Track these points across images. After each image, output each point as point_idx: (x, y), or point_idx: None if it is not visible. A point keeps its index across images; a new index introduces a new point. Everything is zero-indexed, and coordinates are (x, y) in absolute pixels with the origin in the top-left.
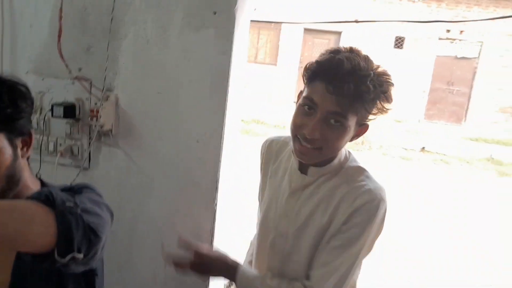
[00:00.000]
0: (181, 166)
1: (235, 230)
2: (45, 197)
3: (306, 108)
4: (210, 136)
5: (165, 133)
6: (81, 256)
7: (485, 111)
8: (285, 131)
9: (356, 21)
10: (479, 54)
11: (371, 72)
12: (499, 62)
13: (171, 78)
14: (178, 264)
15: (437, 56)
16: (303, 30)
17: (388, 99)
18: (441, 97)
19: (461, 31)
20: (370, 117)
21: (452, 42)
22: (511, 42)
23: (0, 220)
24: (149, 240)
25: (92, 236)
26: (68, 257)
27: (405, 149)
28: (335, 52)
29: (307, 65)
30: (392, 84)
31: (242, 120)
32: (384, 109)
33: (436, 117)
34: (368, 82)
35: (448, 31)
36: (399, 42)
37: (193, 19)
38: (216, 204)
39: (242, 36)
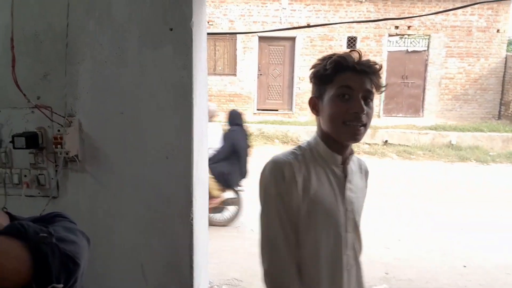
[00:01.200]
0: (152, 184)
1: (208, 244)
2: (17, 230)
3: (341, 96)
4: (179, 151)
5: (132, 153)
6: (60, 286)
7: (440, 100)
8: (249, 138)
9: (308, 26)
10: (428, 46)
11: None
12: (446, 52)
13: (133, 97)
14: None
15: (388, 52)
16: (258, 38)
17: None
18: (397, 91)
19: (409, 26)
20: None
21: (401, 38)
22: (455, 33)
23: None
24: (128, 263)
25: (70, 264)
26: None
27: (369, 144)
28: (334, 54)
29: (319, 70)
30: None
31: None
32: (382, 88)
33: (395, 111)
34: (377, 64)
35: (396, 27)
36: (351, 42)
37: (150, 37)
38: (192, 219)
39: (201, 49)
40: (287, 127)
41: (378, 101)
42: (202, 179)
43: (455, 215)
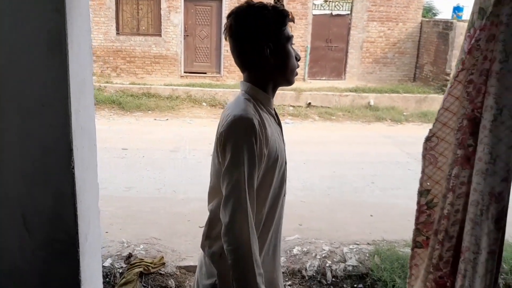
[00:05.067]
0: (30, 133)
1: (98, 192)
2: None
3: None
4: (55, 99)
5: (7, 101)
6: None
7: (361, 63)
8: (176, 102)
9: None
10: (351, 10)
11: None
12: (368, 16)
13: (5, 41)
14: None
15: (313, 15)
16: None
17: None
18: (321, 54)
19: None
20: None
21: (326, 1)
22: None
23: None
24: (9, 216)
25: None
26: None
27: (293, 106)
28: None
29: (269, 18)
30: None
31: (132, 95)
32: None
33: (319, 74)
34: None
35: None
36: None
37: None
38: (73, 168)
39: None
40: (216, 90)
41: (303, 64)
42: (86, 128)
43: (364, 173)
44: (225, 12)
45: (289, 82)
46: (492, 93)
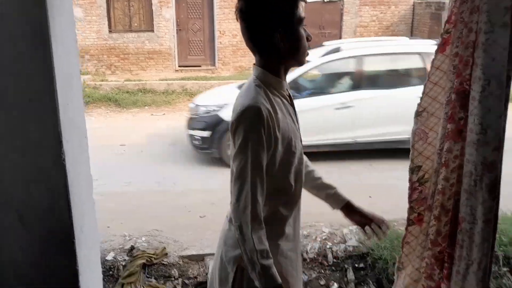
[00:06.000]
0: (19, 128)
1: (92, 184)
2: None
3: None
4: (42, 93)
5: None
6: None
7: None
8: (172, 96)
9: None
10: None
11: None
12: (360, 1)
13: None
14: None
15: (306, 3)
16: None
17: None
18: (315, 41)
19: None
20: None
21: None
22: None
23: None
24: (4, 211)
25: None
26: None
27: None
28: None
29: (280, 1)
30: None
31: (128, 91)
32: None
33: None
34: None
35: None
36: None
37: None
38: (64, 160)
39: None
40: (211, 82)
41: None
42: (75, 121)
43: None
44: (216, 4)
45: (301, 63)
46: (479, 64)
